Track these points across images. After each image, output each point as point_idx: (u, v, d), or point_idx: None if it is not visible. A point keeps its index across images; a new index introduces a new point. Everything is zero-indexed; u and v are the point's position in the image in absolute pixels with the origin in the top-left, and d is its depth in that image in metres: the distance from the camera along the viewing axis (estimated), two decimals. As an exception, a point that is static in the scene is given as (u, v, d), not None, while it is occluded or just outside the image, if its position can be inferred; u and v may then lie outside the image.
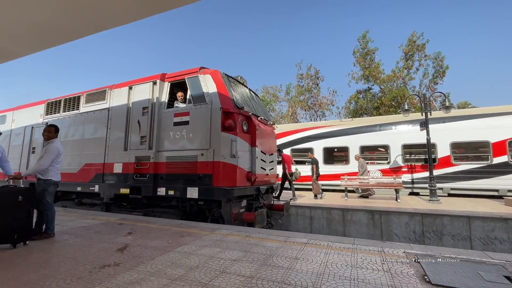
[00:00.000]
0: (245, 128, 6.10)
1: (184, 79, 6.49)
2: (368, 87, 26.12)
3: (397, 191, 9.01)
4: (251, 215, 5.76)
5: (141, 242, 3.91)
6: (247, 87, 7.51)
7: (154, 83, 6.80)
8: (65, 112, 8.43)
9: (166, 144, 6.37)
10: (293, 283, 2.47)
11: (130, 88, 7.20)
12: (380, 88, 24.94)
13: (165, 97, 6.67)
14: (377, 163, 11.60)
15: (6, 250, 3.49)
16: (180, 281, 2.51)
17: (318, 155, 12.46)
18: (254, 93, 7.95)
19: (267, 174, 6.88)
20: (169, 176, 6.19)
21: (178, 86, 6.92)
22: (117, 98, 7.34)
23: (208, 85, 6.07)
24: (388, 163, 11.26)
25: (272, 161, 7.29)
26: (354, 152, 11.80)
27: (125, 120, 7.04)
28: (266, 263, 3.01)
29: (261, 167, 6.53)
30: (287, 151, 13.20)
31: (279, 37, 63.69)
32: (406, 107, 9.52)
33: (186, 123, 6.17)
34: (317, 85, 28.99)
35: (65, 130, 8.04)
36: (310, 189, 12.46)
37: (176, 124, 6.32)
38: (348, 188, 9.75)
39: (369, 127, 11.84)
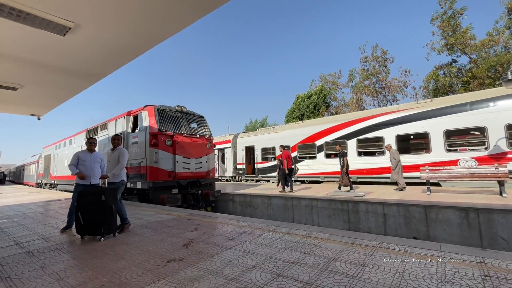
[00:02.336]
0: (169, 143, 9.05)
1: (137, 114, 9.89)
2: (452, 59, 21.70)
3: (501, 183, 7.18)
4: (165, 198, 8.39)
5: (204, 238, 4.10)
6: (184, 112, 10.43)
7: (124, 117, 10.29)
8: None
9: (130, 156, 9.23)
10: (359, 296, 2.13)
11: (116, 121, 10.81)
12: (470, 58, 20.42)
13: (129, 126, 10.13)
14: (470, 150, 9.50)
15: (101, 241, 4.14)
16: (236, 282, 2.47)
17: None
18: (197, 115, 11.03)
19: (192, 172, 9.73)
20: (132, 175, 9.33)
21: (137, 118, 10.05)
22: (111, 128, 11.08)
23: (145, 117, 9.38)
24: (485, 149, 9.09)
25: (201, 162, 10.10)
26: (436, 138, 9.96)
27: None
28: (328, 268, 2.72)
29: (184, 167, 9.44)
30: (352, 142, 12.14)
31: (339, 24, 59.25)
32: (510, 76, 7.42)
33: (136, 142, 9.52)
34: (385, 66, 25.75)
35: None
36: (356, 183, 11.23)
37: (133, 143, 9.65)
38: (430, 181, 8.28)
39: (455, 107, 9.78)
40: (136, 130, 9.74)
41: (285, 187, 10.23)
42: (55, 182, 17.16)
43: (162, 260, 3.15)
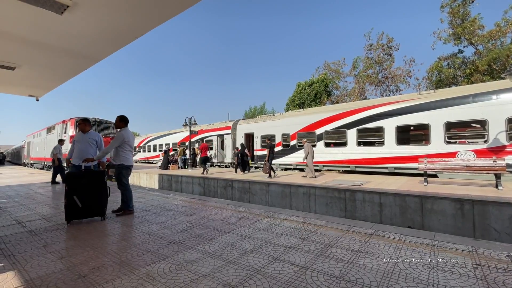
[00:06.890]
0: None
1: (66, 123, 15.26)
2: (459, 49, 21.31)
3: (497, 176, 7.25)
4: None
5: (204, 222, 4.17)
6: (97, 121, 15.32)
7: (61, 124, 15.73)
8: (47, 134, 18.17)
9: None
10: (354, 280, 2.20)
11: (58, 125, 16.11)
12: (476, 49, 20.05)
13: (63, 130, 15.47)
14: (469, 143, 9.53)
15: (102, 223, 4.21)
16: (234, 264, 2.54)
17: (390, 135, 11.04)
18: (109, 122, 15.96)
19: None
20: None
21: (66, 125, 15.33)
22: (57, 129, 16.26)
23: (69, 126, 15.06)
24: (485, 141, 9.12)
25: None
26: (436, 130, 9.96)
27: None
28: (324, 253, 2.79)
29: None
30: (352, 132, 12.14)
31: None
32: (515, 69, 7.32)
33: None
34: (390, 55, 25.27)
35: (51, 142, 17.43)
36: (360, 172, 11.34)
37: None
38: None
39: (457, 99, 9.71)
40: (67, 133, 15.13)
41: (204, 170, 13.37)
42: (32, 162, 23.69)
43: (162, 242, 3.21)
